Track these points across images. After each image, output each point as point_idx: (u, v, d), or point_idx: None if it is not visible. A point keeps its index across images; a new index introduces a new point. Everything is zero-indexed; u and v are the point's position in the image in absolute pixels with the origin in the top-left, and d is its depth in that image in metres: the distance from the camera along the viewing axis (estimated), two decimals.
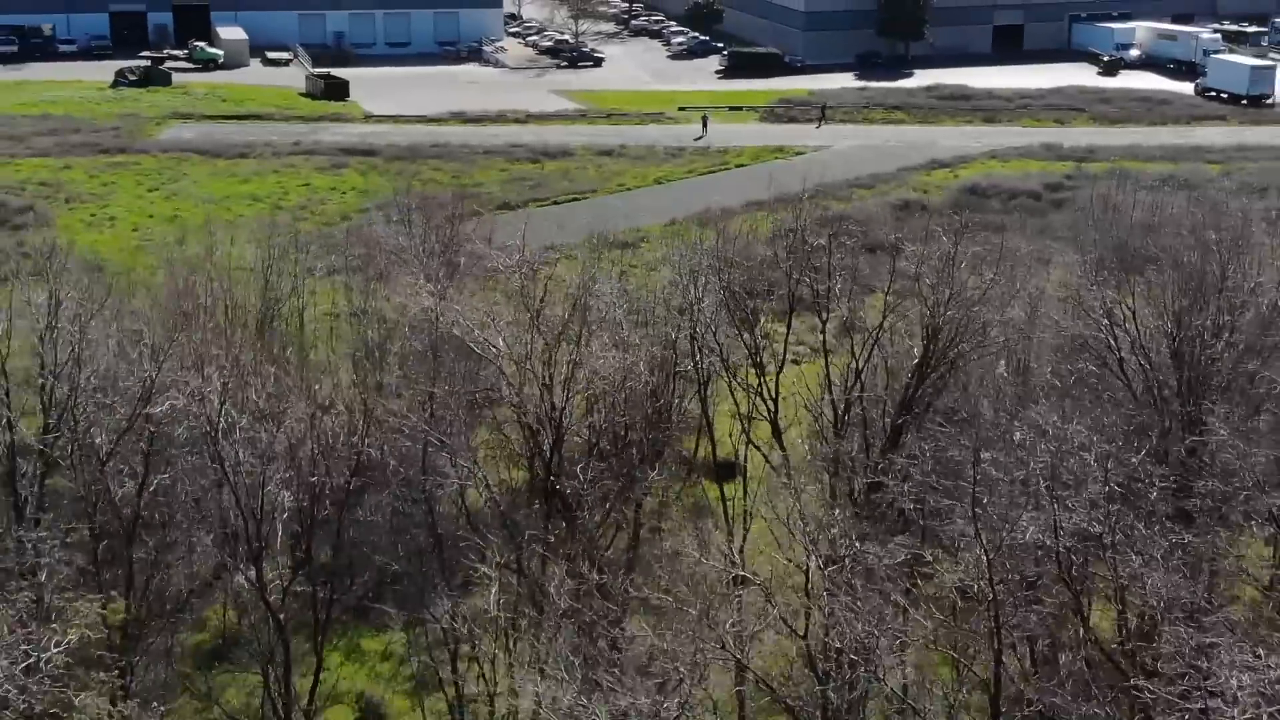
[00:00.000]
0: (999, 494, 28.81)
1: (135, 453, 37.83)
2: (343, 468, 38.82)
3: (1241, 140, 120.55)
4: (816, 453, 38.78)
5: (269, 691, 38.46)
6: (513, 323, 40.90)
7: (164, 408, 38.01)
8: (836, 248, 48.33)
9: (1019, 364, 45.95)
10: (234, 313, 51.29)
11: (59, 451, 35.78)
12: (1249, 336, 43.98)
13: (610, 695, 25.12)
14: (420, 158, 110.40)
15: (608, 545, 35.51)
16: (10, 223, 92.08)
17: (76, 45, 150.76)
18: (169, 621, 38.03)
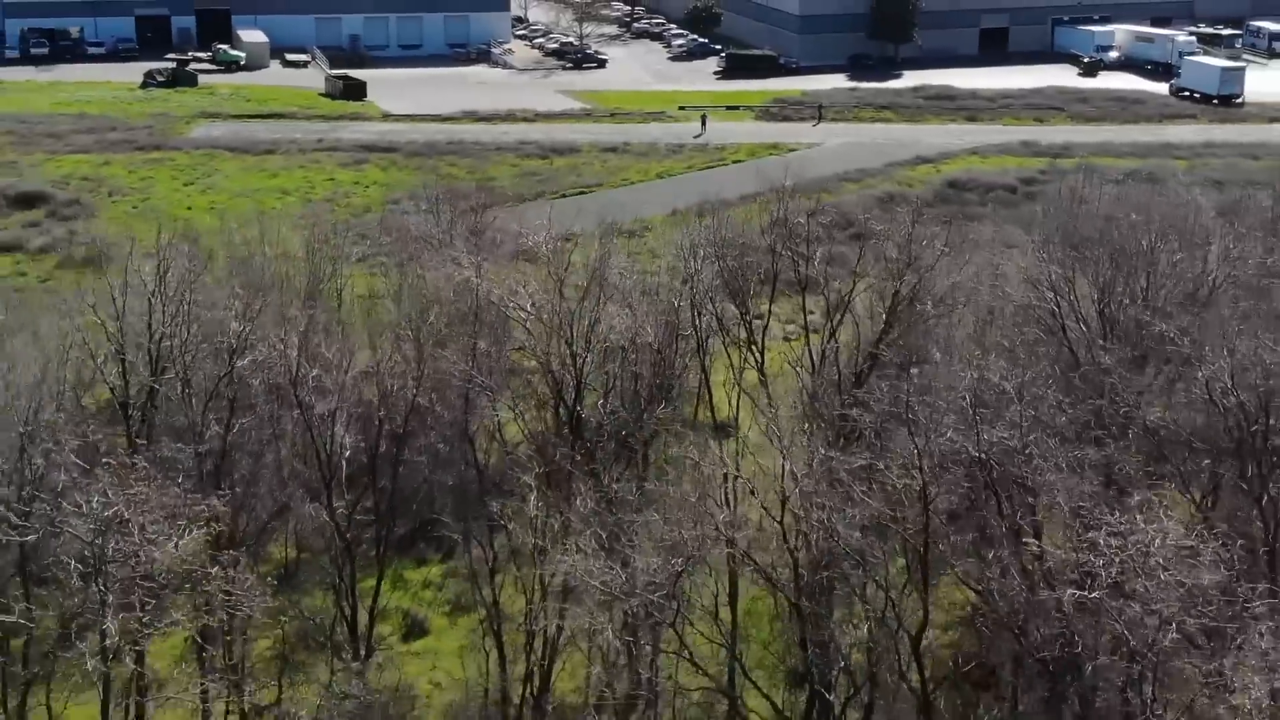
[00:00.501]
0: (936, 411, 36.13)
1: (222, 397, 45.13)
2: (398, 412, 46.02)
3: (1209, 138, 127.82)
4: (796, 388, 45.78)
5: (339, 598, 45.55)
6: (538, 290, 48.22)
7: (247, 361, 45.34)
8: (821, 234, 55.32)
9: (977, 326, 53.15)
10: (287, 288, 58.52)
11: (166, 392, 42.91)
12: (1170, 302, 51.19)
13: (627, 563, 32.25)
14: (437, 154, 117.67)
15: (624, 468, 42.66)
16: (59, 214, 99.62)
17: (104, 47, 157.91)
18: (255, 541, 45.13)
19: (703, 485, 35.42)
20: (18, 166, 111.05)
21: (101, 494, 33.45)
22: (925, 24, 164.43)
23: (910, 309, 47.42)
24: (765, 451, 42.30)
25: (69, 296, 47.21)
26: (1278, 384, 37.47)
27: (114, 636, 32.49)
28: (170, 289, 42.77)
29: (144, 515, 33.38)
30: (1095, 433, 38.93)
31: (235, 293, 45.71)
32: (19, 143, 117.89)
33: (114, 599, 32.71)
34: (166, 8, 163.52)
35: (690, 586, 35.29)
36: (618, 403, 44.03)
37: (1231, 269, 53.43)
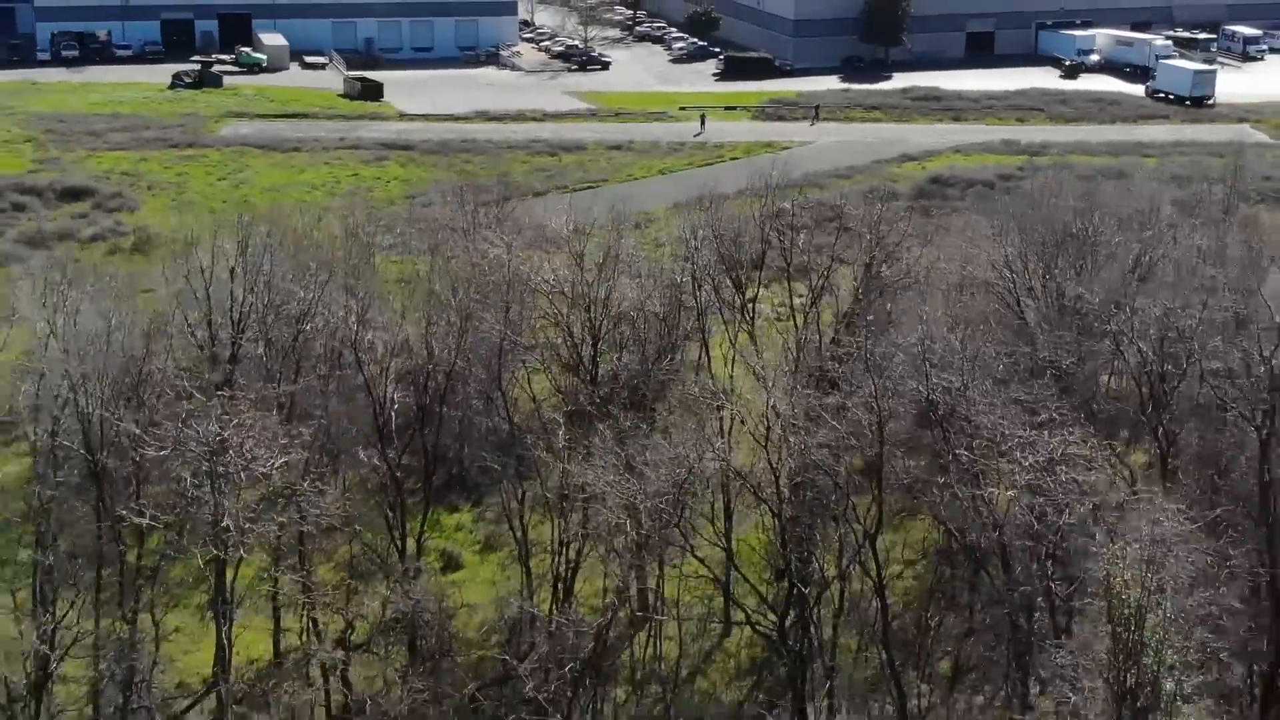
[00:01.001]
0: (894, 362, 43.77)
1: (291, 356, 52.75)
2: (441, 371, 53.62)
3: (1179, 137, 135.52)
4: (782, 347, 53.29)
5: (390, 530, 53.12)
6: (560, 267, 55.89)
7: (309, 326, 53.02)
8: (810, 224, 62.98)
9: (945, 298, 60.77)
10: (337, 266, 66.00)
11: (245, 351, 50.43)
12: (1109, 280, 58.77)
13: (641, 475, 39.93)
14: (452, 152, 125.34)
15: (637, 406, 50.24)
16: (104, 206, 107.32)
17: (131, 50, 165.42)
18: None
19: (701, 417, 42.90)
20: (61, 162, 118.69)
21: (214, 420, 41.03)
22: (914, 28, 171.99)
23: (878, 280, 55.05)
24: (755, 402, 49.95)
25: (158, 269, 54.70)
26: (1169, 334, 45.29)
27: (229, 527, 40.11)
28: (248, 262, 50.31)
29: (248, 437, 40.97)
30: (1024, 376, 46.62)
31: (306, 266, 53.34)
32: (59, 140, 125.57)
33: (227, 501, 40.27)
34: (190, 12, 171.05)
35: (692, 501, 42.92)
36: (629, 358, 51.64)
37: (1165, 249, 60.97)
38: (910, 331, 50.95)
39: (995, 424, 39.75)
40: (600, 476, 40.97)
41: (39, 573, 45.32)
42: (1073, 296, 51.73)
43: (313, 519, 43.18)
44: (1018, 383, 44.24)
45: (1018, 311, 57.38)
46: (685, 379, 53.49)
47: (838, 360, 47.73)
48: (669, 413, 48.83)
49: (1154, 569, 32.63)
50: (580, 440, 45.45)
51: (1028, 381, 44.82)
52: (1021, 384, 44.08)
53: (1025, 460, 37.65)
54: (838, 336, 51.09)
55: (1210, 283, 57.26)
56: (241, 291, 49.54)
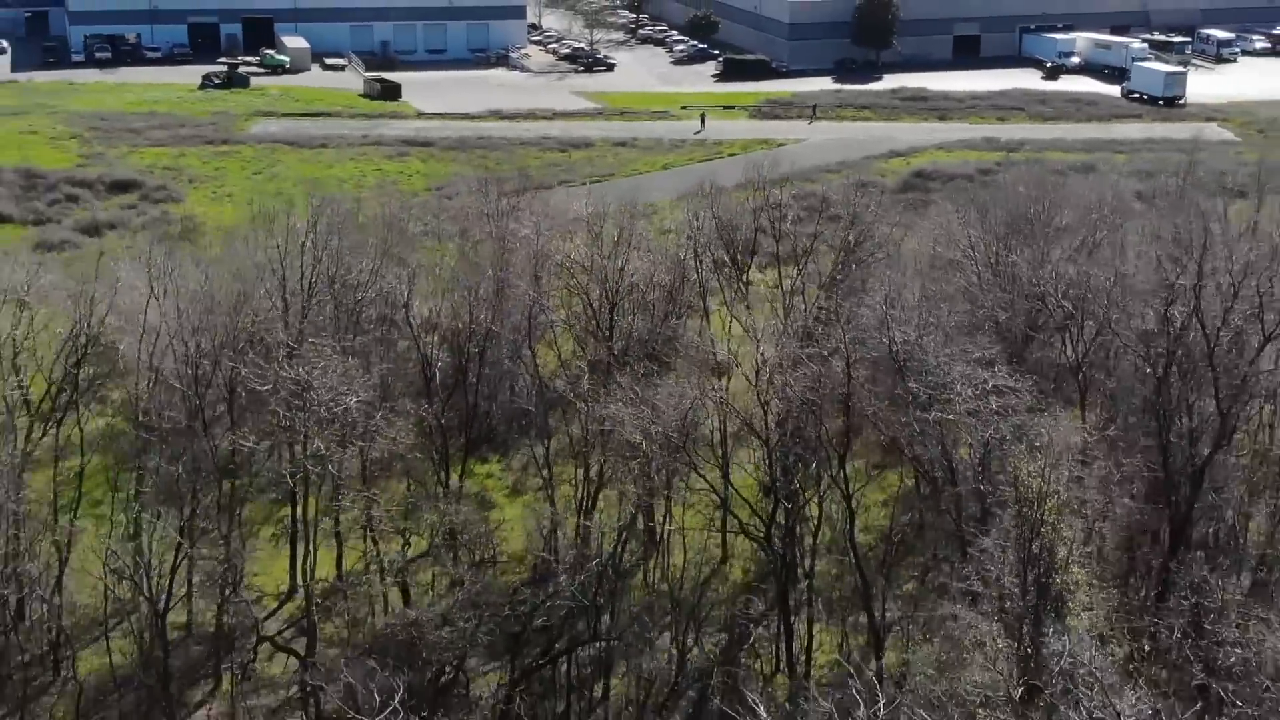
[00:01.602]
0: (862, 316, 52.53)
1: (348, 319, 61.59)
2: (479, 334, 62.42)
3: (1150, 134, 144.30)
4: (770, 312, 62.07)
5: (436, 469, 61.88)
6: (580, 245, 64.80)
7: (367, 293, 61.92)
8: (802, 215, 71.86)
9: (918, 273, 69.60)
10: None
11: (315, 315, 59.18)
12: (1060, 256, 67.52)
13: (653, 407, 48.66)
14: (469, 148, 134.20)
15: (649, 356, 58.95)
16: (150, 198, 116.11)
17: (160, 52, 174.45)
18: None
19: (703, 362, 51.55)
20: (105, 158, 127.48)
21: (302, 364, 49.73)
22: (904, 31, 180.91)
23: (855, 254, 63.96)
24: (748, 354, 58.89)
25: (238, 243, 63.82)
26: (1087, 291, 54.37)
27: (318, 447, 48.89)
28: (318, 238, 59.07)
29: (330, 376, 49.67)
30: (971, 331, 55.59)
31: (367, 241, 62.14)
32: (102, 137, 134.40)
33: (314, 426, 49.00)
34: (215, 16, 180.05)
35: (695, 432, 51.62)
36: (641, 319, 60.50)
37: (1109, 231, 69.72)
38: (879, 295, 59.81)
39: (941, 364, 48.32)
40: (619, 410, 49.59)
41: (142, 493, 54.16)
42: (1008, 263, 60.64)
43: (379, 447, 51.93)
44: (965, 335, 52.93)
45: (974, 281, 66.20)
46: (688, 338, 62.29)
47: (819, 321, 56.47)
48: (676, 359, 57.65)
49: (1053, 464, 41.34)
50: (600, 384, 54.17)
51: (973, 334, 53.53)
52: (968, 336, 52.74)
53: (965, 392, 46.26)
54: (819, 301, 59.80)
55: (1144, 256, 66.07)
56: (312, 262, 58.34)
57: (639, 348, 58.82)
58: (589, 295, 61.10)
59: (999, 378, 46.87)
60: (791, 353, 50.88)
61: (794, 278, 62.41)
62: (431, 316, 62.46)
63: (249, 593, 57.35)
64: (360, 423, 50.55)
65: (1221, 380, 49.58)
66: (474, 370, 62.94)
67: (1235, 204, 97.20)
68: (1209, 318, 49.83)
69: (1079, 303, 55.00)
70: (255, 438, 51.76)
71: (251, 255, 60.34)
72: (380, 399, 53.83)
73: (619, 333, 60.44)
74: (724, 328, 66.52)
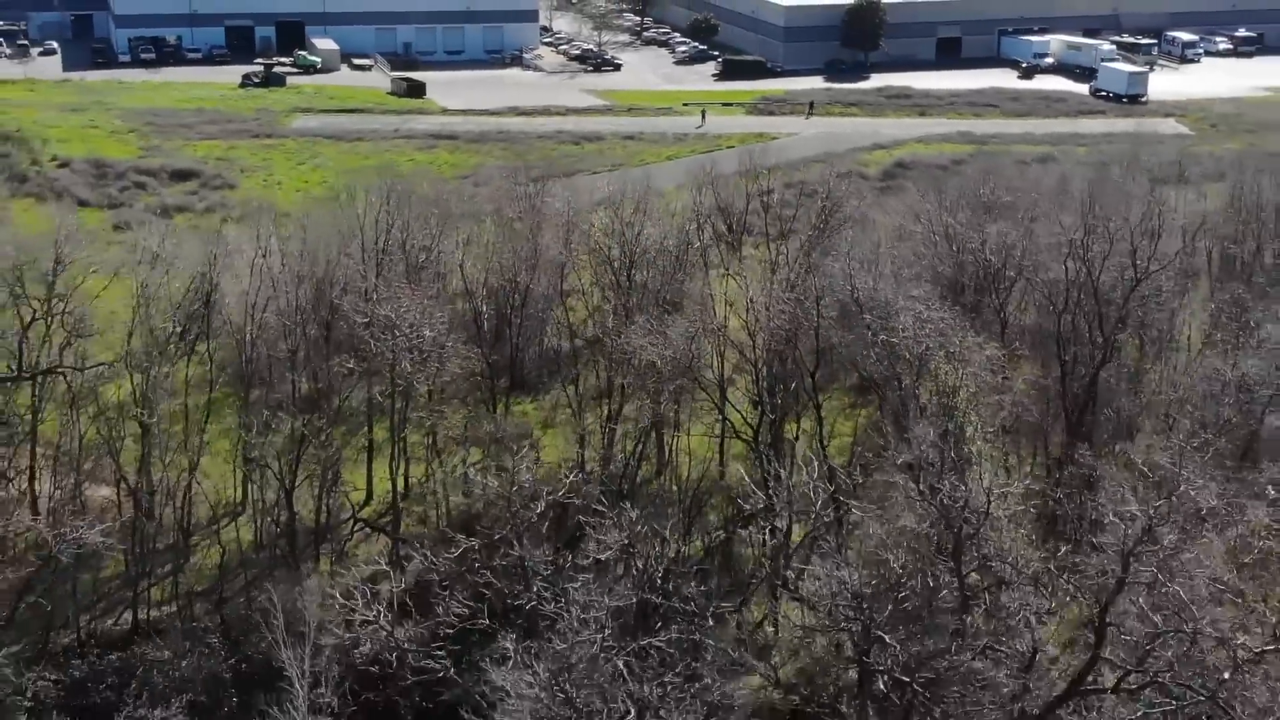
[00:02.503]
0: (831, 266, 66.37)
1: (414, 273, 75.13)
2: (519, 291, 75.99)
3: (1111, 129, 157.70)
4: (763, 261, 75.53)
5: (486, 404, 75.40)
6: (601, 218, 78.42)
7: (429, 256, 75.50)
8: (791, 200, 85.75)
9: (887, 241, 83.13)
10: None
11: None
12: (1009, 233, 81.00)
13: (664, 338, 62.07)
14: (490, 141, 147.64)
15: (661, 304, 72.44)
16: (209, 185, 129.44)
17: (200, 53, 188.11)
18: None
19: (703, 302, 65.07)
20: (163, 150, 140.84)
21: (390, 300, 63.29)
22: (890, 34, 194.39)
23: (829, 224, 77.66)
24: (740, 300, 72.48)
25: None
26: (1011, 249, 68.02)
27: (404, 373, 62.28)
28: (386, 213, 72.65)
29: (411, 313, 63.13)
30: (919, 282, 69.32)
31: (431, 213, 75.79)
32: (157, 131, 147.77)
33: (401, 354, 62.48)
34: (251, 19, 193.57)
35: (698, 359, 65.11)
36: (654, 275, 74.14)
37: (1046, 207, 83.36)
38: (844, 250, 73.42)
39: (890, 301, 61.55)
40: (637, 339, 62.97)
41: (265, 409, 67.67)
42: (943, 225, 74.45)
43: (448, 371, 65.43)
44: (911, 282, 66.38)
45: (928, 243, 79.91)
46: (692, 291, 76.06)
47: (799, 275, 69.93)
48: (684, 302, 71.39)
49: (963, 363, 54.61)
50: (621, 323, 67.66)
51: (918, 282, 66.97)
52: (914, 283, 66.13)
53: (906, 320, 59.48)
54: (799, 261, 73.26)
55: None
56: (385, 228, 71.97)
57: (652, 297, 72.28)
58: (611, 256, 74.73)
59: (933, 310, 60.22)
60: (775, 295, 64.35)
61: (780, 243, 76.00)
62: (479, 276, 76.01)
63: (340, 494, 70.93)
64: (434, 351, 64.08)
65: (1104, 311, 63.26)
66: (515, 320, 76.51)
67: (1173, 188, 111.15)
68: (1093, 264, 63.62)
69: (1003, 257, 68.60)
70: (352, 363, 65.30)
71: (336, 224, 73.90)
72: (447, 334, 67.27)
73: (636, 286, 73.98)
74: (721, 286, 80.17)
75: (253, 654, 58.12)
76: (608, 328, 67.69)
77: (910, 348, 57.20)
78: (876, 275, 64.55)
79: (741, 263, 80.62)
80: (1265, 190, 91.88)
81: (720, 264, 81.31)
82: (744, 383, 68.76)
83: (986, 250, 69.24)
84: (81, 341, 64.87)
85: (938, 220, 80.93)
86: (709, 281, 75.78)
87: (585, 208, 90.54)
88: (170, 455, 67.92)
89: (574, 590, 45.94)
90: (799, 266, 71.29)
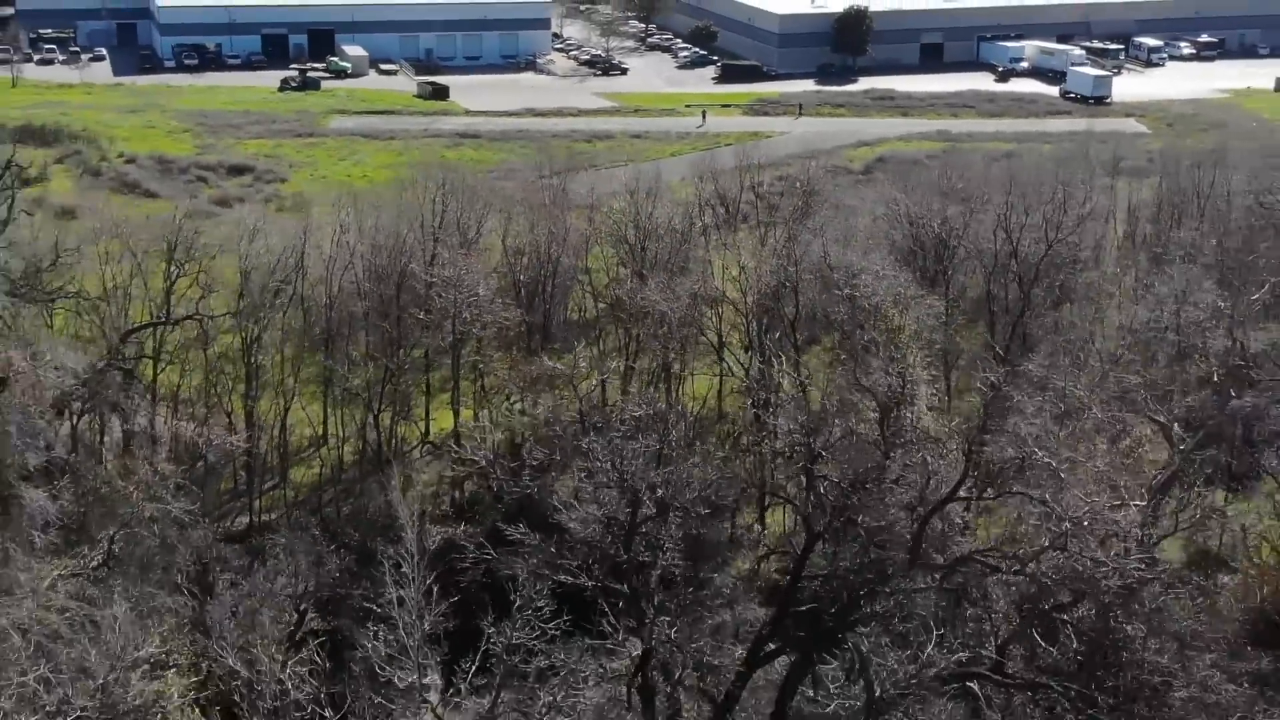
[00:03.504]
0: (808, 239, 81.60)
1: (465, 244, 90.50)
2: (550, 262, 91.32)
3: (1075, 128, 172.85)
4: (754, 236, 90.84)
5: (523, 349, 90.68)
6: (618, 201, 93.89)
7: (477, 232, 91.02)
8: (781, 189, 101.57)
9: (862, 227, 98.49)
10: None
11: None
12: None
13: (673, 292, 77.43)
14: (510, 139, 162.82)
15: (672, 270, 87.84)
16: (263, 179, 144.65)
17: (240, 59, 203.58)
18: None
19: (704, 268, 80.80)
20: (217, 147, 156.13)
21: (451, 263, 78.65)
22: (877, 40, 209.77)
23: (809, 207, 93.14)
24: (733, 272, 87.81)
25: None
26: (956, 226, 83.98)
27: (464, 321, 77.50)
28: (441, 196, 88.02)
29: (469, 275, 78.47)
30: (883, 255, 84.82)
31: (477, 195, 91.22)
32: (209, 131, 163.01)
33: (463, 305, 77.71)
34: (285, 28, 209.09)
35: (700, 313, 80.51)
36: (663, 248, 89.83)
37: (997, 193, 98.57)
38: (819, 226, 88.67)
39: (853, 265, 76.70)
40: (651, 294, 78.31)
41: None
42: (905, 208, 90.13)
43: (498, 322, 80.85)
44: (874, 253, 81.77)
45: (895, 226, 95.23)
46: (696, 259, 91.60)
47: (785, 247, 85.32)
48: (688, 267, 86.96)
49: (903, 308, 69.81)
50: (637, 284, 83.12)
51: (880, 253, 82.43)
52: (876, 253, 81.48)
53: (868, 279, 74.50)
54: (783, 234, 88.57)
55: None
56: (440, 209, 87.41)
57: (662, 265, 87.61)
58: (626, 230, 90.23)
59: (888, 272, 75.46)
60: (763, 261, 79.79)
61: (769, 224, 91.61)
62: (517, 246, 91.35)
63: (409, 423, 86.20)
64: (486, 304, 79.50)
65: (1023, 271, 78.83)
66: (546, 287, 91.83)
67: (1126, 179, 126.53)
68: (1013, 233, 79.26)
69: (948, 231, 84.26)
70: (422, 315, 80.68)
71: (400, 205, 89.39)
72: (493, 295, 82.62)
73: (648, 257, 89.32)
74: (720, 257, 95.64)
75: (349, 543, 73.29)
76: (626, 288, 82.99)
77: (869, 300, 72.40)
78: (845, 247, 79.89)
79: (736, 238, 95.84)
80: (1183, 178, 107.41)
81: (719, 240, 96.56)
82: (738, 336, 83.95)
83: (936, 227, 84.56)
84: (206, 298, 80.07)
85: (901, 204, 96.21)
86: (709, 253, 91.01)
87: (603, 195, 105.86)
88: (270, 392, 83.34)
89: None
90: (783, 238, 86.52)
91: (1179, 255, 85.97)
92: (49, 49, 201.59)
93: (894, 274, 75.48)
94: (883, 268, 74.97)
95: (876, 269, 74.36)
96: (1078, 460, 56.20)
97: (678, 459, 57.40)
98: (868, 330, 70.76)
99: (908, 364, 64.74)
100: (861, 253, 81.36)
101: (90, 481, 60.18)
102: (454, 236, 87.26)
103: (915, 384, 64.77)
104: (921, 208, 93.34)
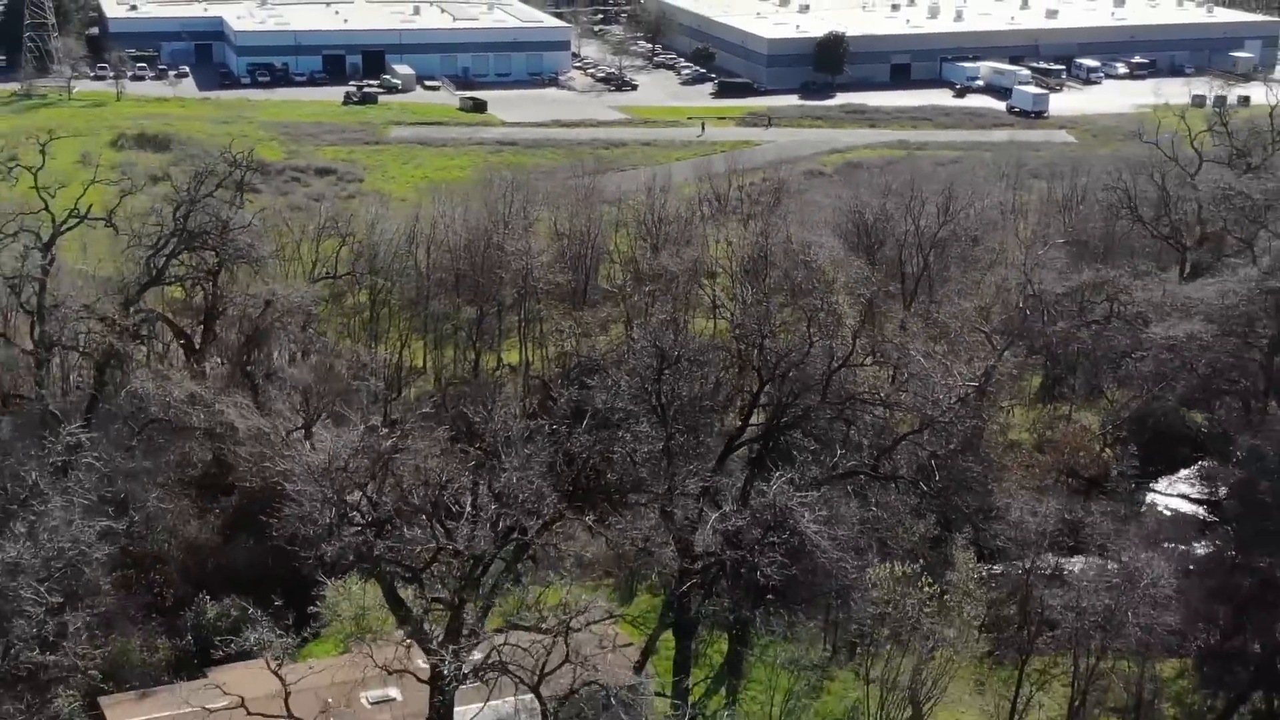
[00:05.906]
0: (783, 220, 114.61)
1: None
2: (578, 242, 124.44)
3: (1015, 138, 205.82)
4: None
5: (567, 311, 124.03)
6: (635, 195, 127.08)
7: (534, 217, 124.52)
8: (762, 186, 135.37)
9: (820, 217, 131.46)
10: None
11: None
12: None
13: (681, 257, 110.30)
14: (542, 146, 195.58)
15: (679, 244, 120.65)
16: (345, 179, 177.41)
17: (304, 76, 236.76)
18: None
19: (704, 241, 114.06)
20: (301, 153, 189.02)
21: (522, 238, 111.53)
22: (852, 60, 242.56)
23: (780, 200, 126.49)
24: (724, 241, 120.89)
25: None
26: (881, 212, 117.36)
27: (533, 279, 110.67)
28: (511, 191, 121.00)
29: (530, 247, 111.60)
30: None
31: (535, 190, 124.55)
32: (291, 139, 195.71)
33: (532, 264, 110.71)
34: (343, 50, 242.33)
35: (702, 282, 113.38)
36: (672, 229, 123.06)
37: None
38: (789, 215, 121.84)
39: (807, 239, 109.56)
40: (665, 259, 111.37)
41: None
42: (853, 201, 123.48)
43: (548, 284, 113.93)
44: (825, 234, 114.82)
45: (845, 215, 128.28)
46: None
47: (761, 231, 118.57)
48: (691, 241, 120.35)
49: (837, 267, 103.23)
50: (653, 255, 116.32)
51: (830, 234, 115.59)
52: (826, 234, 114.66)
53: (822, 254, 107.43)
54: (760, 218, 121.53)
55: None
56: (509, 200, 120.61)
57: (671, 241, 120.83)
58: (644, 216, 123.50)
59: (838, 252, 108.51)
60: (744, 236, 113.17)
61: (750, 215, 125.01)
62: (558, 227, 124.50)
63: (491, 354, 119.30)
64: (543, 274, 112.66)
65: (924, 243, 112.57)
66: (585, 255, 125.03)
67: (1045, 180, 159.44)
68: (925, 221, 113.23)
69: (884, 222, 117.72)
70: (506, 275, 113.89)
71: (484, 197, 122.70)
72: (551, 263, 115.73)
73: (661, 234, 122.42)
74: (714, 239, 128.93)
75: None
76: (646, 258, 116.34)
77: (826, 271, 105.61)
78: (804, 229, 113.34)
79: (727, 222, 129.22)
80: (1081, 179, 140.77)
81: (714, 223, 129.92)
82: (725, 292, 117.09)
83: (868, 215, 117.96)
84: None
85: (849, 199, 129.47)
86: (706, 233, 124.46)
87: (627, 191, 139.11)
88: (388, 334, 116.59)
89: None
90: (760, 223, 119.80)
91: (1042, 235, 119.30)
92: (140, 67, 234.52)
93: (832, 245, 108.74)
94: (823, 242, 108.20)
95: (821, 243, 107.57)
96: (932, 353, 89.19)
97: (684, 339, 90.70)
98: (813, 280, 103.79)
99: (834, 299, 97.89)
100: (816, 233, 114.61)
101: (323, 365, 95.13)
102: (519, 220, 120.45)
103: (840, 310, 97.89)
104: (859, 202, 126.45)
